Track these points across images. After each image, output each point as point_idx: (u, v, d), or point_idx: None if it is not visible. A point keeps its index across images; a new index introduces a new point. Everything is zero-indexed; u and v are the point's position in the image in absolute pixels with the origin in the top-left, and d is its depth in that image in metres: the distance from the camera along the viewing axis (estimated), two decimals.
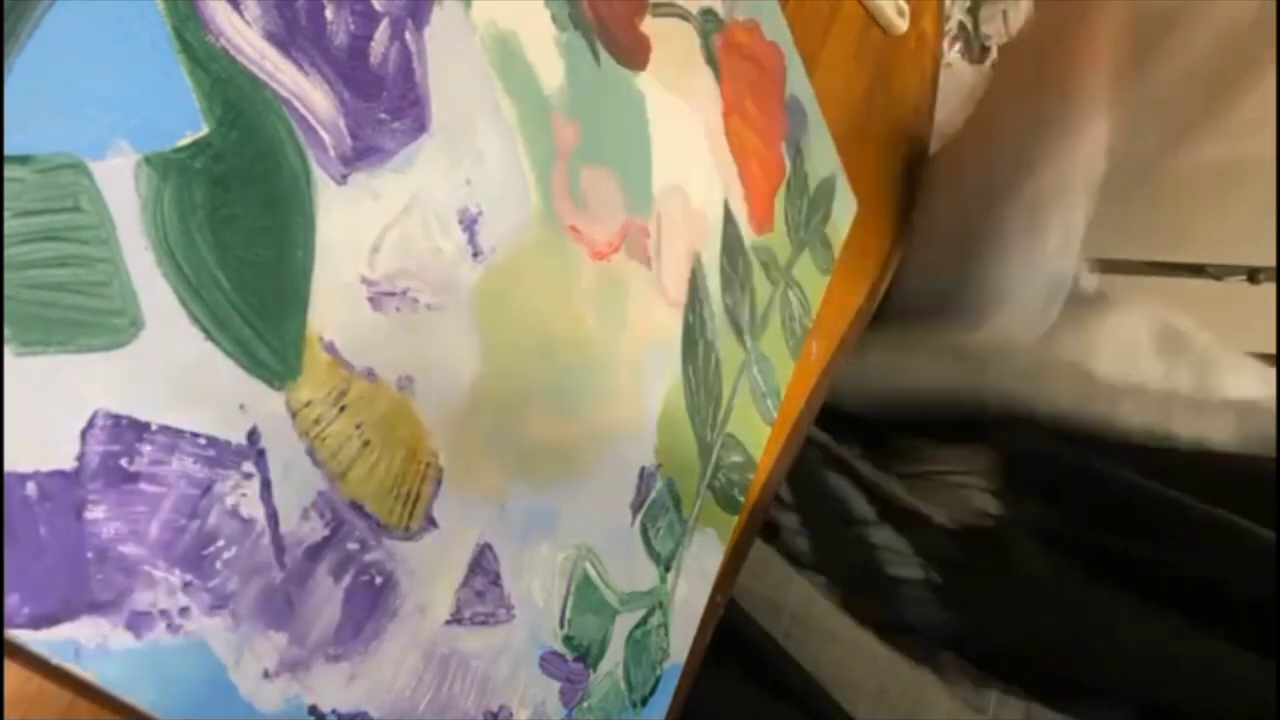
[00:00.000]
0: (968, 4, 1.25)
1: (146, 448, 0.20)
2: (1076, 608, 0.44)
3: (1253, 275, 1.25)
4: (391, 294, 0.26)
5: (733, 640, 0.42)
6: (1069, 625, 0.44)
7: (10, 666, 0.19)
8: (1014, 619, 0.45)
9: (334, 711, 0.24)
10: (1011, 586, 0.45)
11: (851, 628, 0.45)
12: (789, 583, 0.47)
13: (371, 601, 0.25)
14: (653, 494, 0.36)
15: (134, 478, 0.20)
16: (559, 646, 0.31)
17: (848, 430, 0.53)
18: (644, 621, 0.35)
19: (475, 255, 0.28)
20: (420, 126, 0.26)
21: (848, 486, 0.50)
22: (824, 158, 0.47)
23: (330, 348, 0.24)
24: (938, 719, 0.41)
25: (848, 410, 0.52)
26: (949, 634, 0.46)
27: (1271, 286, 1.18)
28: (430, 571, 0.27)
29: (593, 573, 0.33)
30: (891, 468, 0.51)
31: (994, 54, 1.32)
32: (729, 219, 0.40)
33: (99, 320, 0.19)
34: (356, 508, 0.25)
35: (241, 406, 0.22)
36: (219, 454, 0.21)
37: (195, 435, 0.21)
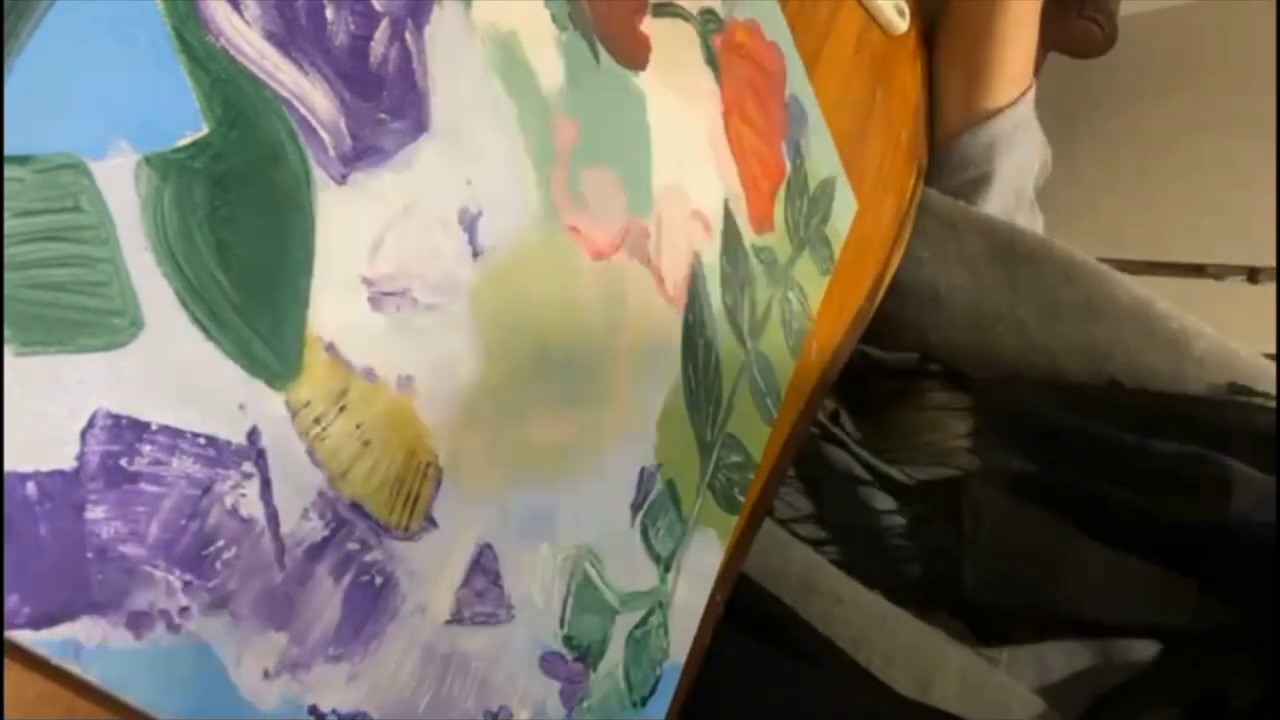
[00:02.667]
0: None
1: (146, 448, 0.20)
2: (1041, 548, 0.45)
3: (1253, 275, 1.25)
4: (391, 294, 0.26)
5: (743, 606, 0.42)
6: (1035, 565, 0.45)
7: (10, 666, 0.19)
8: (974, 559, 0.46)
9: (334, 711, 0.24)
10: (966, 528, 0.47)
11: (856, 589, 0.45)
12: (790, 549, 0.47)
13: (371, 601, 0.25)
14: (653, 494, 0.36)
15: (134, 478, 0.20)
16: (559, 646, 0.31)
17: (849, 404, 0.55)
18: (644, 621, 0.35)
19: (475, 255, 0.28)
20: (420, 126, 0.26)
21: (842, 454, 0.52)
22: (824, 158, 0.47)
23: (330, 348, 0.24)
24: (952, 671, 0.42)
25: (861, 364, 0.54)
26: (930, 586, 0.48)
27: (1271, 286, 1.18)
28: (430, 571, 0.27)
29: (593, 573, 0.33)
30: (884, 443, 0.52)
31: None
32: (729, 219, 0.40)
33: (99, 320, 0.19)
34: (356, 508, 0.25)
35: (241, 406, 0.22)
36: (219, 454, 0.21)
37: (195, 435, 0.21)
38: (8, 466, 0.18)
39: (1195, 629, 0.41)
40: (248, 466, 0.22)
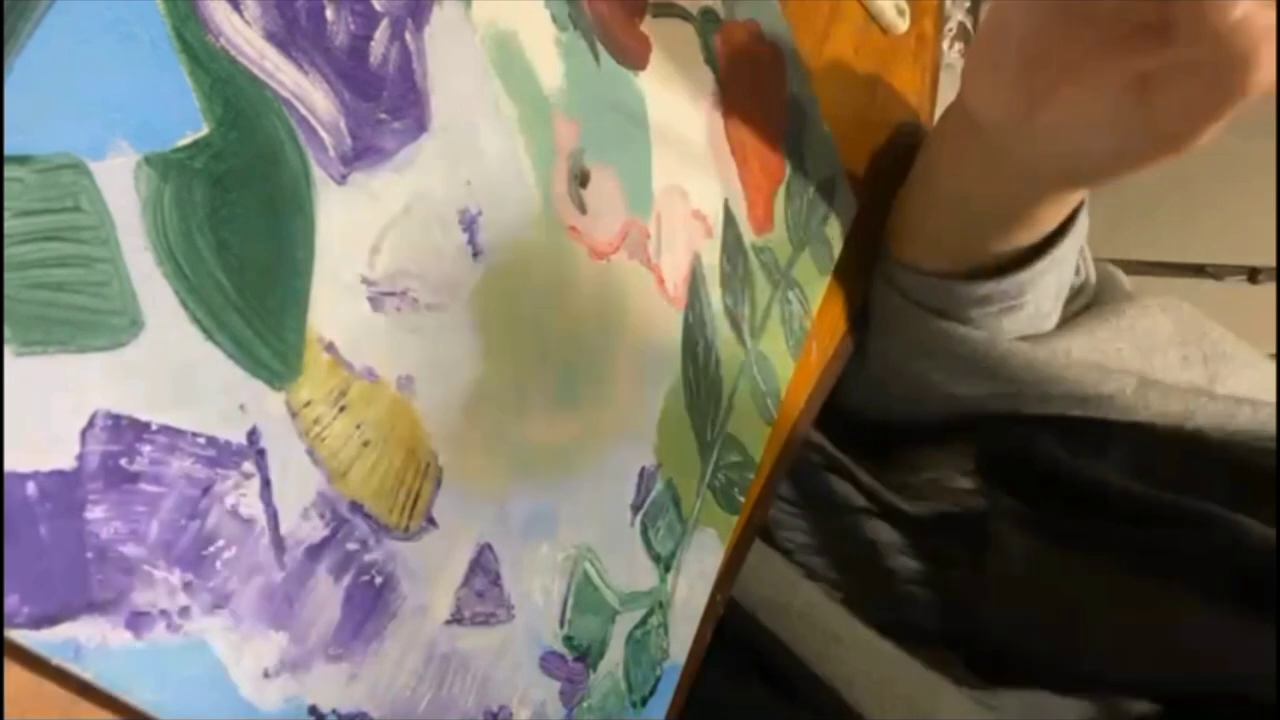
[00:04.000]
0: (968, 4, 1.26)
1: (146, 448, 0.20)
2: (1060, 587, 0.45)
3: (1253, 275, 1.25)
4: (391, 294, 0.26)
5: (738, 641, 0.42)
6: (1054, 604, 0.45)
7: (10, 666, 0.19)
8: (1000, 605, 0.45)
9: (334, 711, 0.24)
10: (994, 571, 0.46)
11: (856, 627, 0.45)
12: (794, 584, 0.47)
13: (371, 601, 0.25)
14: (653, 494, 0.36)
15: (134, 478, 0.20)
16: (559, 646, 0.31)
17: (848, 435, 0.53)
18: (644, 621, 0.35)
19: (475, 255, 0.28)
20: (420, 126, 0.26)
21: (846, 485, 0.50)
22: (824, 158, 0.47)
23: (330, 348, 0.24)
24: (945, 716, 0.41)
25: (855, 414, 0.52)
26: (945, 628, 0.47)
27: (1271, 286, 1.18)
28: (430, 571, 0.27)
29: (593, 573, 0.33)
30: (887, 476, 0.51)
31: None
32: (729, 219, 0.40)
33: (99, 320, 0.19)
34: (356, 508, 0.25)
35: (241, 406, 0.22)
36: (219, 454, 0.21)
37: (195, 435, 0.21)
38: (8, 466, 0.18)
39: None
40: (248, 466, 0.22)
